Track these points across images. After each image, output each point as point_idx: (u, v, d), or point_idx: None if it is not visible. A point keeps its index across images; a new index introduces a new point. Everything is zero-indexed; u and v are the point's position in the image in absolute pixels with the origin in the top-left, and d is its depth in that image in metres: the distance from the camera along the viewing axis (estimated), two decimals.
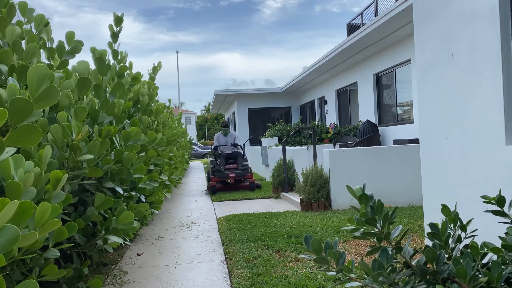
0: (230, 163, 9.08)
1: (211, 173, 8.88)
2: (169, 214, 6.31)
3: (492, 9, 2.48)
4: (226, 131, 9.47)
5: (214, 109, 24.47)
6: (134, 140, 3.10)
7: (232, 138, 9.51)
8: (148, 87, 4.94)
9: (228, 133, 9.48)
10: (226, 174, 8.68)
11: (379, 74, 10.38)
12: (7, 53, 2.24)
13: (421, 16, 3.22)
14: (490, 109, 2.52)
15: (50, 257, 1.96)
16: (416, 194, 5.60)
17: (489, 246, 1.18)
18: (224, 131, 9.49)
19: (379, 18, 7.92)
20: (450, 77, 2.90)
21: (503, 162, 2.44)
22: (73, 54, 2.89)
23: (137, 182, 3.21)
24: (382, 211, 1.23)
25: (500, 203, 1.25)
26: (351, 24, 14.70)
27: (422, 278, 1.16)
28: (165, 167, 5.31)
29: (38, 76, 1.61)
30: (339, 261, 1.20)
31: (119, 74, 3.55)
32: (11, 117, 1.41)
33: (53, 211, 1.52)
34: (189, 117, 51.06)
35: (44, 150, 1.83)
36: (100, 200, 2.47)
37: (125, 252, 4.10)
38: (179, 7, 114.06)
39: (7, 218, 1.10)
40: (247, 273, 3.19)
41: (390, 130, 9.84)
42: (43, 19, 2.79)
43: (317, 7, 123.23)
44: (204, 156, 30.98)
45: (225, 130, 9.48)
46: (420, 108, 3.31)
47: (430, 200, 3.23)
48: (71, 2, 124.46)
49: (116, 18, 3.51)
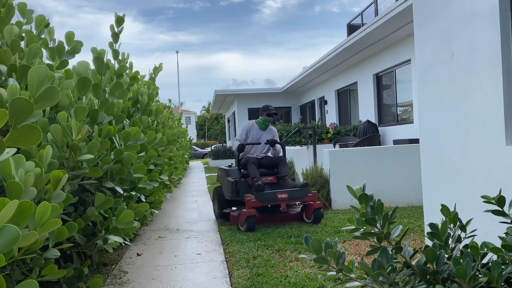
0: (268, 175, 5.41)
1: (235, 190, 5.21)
2: (169, 214, 6.31)
3: (492, 9, 2.48)
4: (267, 123, 5.77)
5: (214, 109, 24.47)
6: (134, 140, 3.10)
7: (271, 135, 5.81)
8: (148, 87, 4.93)
9: (268, 127, 5.84)
10: (274, 195, 4.90)
11: (379, 74, 10.38)
12: (6, 53, 2.24)
13: (421, 16, 3.22)
14: (490, 109, 2.52)
15: (50, 257, 1.96)
16: (416, 194, 5.60)
17: (489, 246, 1.18)
18: (264, 122, 5.74)
19: (379, 18, 7.92)
20: (450, 77, 2.90)
21: (503, 162, 2.44)
22: (73, 55, 2.89)
23: (137, 182, 3.21)
24: (382, 211, 1.23)
25: (500, 203, 1.25)
26: (351, 24, 14.71)
27: (422, 278, 1.16)
28: (165, 167, 5.31)
29: (38, 77, 1.62)
30: (339, 261, 1.20)
31: (118, 74, 3.55)
32: (11, 117, 1.41)
33: (53, 211, 1.52)
34: (189, 117, 51.05)
35: (44, 150, 1.83)
36: (100, 200, 2.47)
37: (125, 252, 4.10)
38: (179, 7, 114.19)
39: (7, 218, 1.10)
40: (247, 273, 3.19)
41: (390, 130, 9.83)
42: (44, 20, 2.79)
43: (317, 7, 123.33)
44: (204, 156, 30.91)
45: (267, 121, 5.75)
46: (420, 108, 3.31)
47: (430, 200, 3.23)
48: (71, 2, 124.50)
49: (117, 18, 3.51)
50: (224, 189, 5.50)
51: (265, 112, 5.73)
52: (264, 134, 5.73)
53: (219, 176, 5.91)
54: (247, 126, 5.79)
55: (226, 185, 5.38)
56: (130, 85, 3.97)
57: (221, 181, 5.76)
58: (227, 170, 5.61)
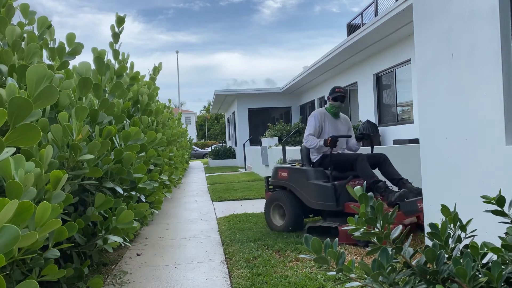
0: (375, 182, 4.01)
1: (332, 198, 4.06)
2: (169, 214, 6.31)
3: (492, 9, 2.48)
4: (337, 109, 4.63)
5: (214, 109, 24.46)
6: (134, 140, 3.10)
7: (347, 125, 4.73)
8: (148, 87, 4.94)
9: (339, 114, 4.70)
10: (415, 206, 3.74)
11: (379, 74, 10.38)
12: (7, 53, 2.24)
13: (421, 16, 3.22)
14: (490, 109, 2.52)
15: (50, 257, 1.96)
16: None
17: (489, 246, 1.18)
18: (331, 109, 4.61)
19: (379, 18, 7.92)
20: (450, 77, 2.90)
21: (503, 162, 2.44)
22: (74, 56, 2.89)
23: (137, 182, 3.21)
24: (382, 211, 1.23)
25: (500, 203, 1.25)
26: (351, 24, 14.71)
27: (422, 278, 1.16)
28: (165, 167, 5.31)
29: (37, 76, 1.62)
30: (339, 261, 1.20)
31: (118, 74, 3.55)
32: (10, 116, 1.41)
33: (53, 211, 1.52)
34: (189, 117, 51.05)
35: (45, 150, 1.84)
36: (100, 200, 2.47)
37: (125, 252, 4.10)
38: (179, 7, 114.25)
39: (7, 218, 1.10)
40: (247, 273, 3.19)
41: (390, 130, 9.84)
42: (46, 21, 2.79)
43: (317, 7, 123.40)
44: (204, 156, 30.85)
45: (335, 107, 4.60)
46: (420, 108, 3.31)
47: (430, 200, 3.23)
48: (71, 2, 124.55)
49: (118, 18, 3.51)
50: (308, 195, 4.29)
51: (331, 96, 4.56)
52: (340, 124, 4.62)
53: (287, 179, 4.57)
54: (319, 115, 4.53)
55: (314, 190, 4.22)
56: (130, 85, 3.98)
57: (294, 185, 4.48)
58: (305, 170, 4.39)
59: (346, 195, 4.01)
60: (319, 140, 4.39)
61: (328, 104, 4.63)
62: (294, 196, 4.51)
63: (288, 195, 4.56)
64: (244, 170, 15.32)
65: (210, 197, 8.14)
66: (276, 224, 4.63)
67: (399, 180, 4.09)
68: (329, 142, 4.19)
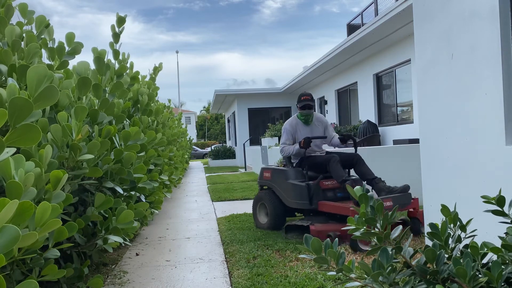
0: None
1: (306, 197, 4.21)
2: (169, 214, 6.31)
3: (492, 9, 2.48)
4: (308, 116, 4.70)
5: (214, 109, 24.46)
6: (134, 140, 3.10)
7: (322, 126, 4.81)
8: (148, 87, 4.94)
9: (313, 119, 4.75)
10: None
11: (379, 74, 10.38)
12: (7, 53, 2.24)
13: (421, 16, 3.22)
14: (490, 109, 2.52)
15: (50, 257, 1.96)
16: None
17: (489, 246, 1.17)
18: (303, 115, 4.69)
19: (379, 18, 7.92)
20: (450, 77, 2.90)
21: (503, 162, 2.44)
22: (73, 55, 2.89)
23: (137, 182, 3.21)
24: (382, 211, 1.23)
25: (500, 203, 1.25)
26: (351, 24, 14.71)
27: (422, 278, 1.16)
28: (165, 167, 5.31)
29: (37, 76, 1.62)
30: (339, 261, 1.20)
31: (118, 74, 3.55)
32: (10, 116, 1.41)
33: (53, 211, 1.52)
34: (189, 117, 51.05)
35: (44, 150, 1.83)
36: (100, 200, 2.47)
37: (125, 252, 4.10)
38: (179, 7, 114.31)
39: (7, 218, 1.10)
40: (247, 273, 3.19)
41: (390, 130, 9.84)
42: (44, 20, 2.79)
43: (317, 7, 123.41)
44: (204, 156, 30.84)
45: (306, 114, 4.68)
46: (420, 108, 3.31)
47: (430, 200, 3.23)
48: (71, 2, 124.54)
49: (119, 18, 3.51)
50: (286, 194, 4.42)
51: (298, 104, 4.67)
52: (313, 128, 4.72)
53: (270, 179, 4.71)
54: (290, 126, 4.66)
55: (290, 189, 4.35)
56: (130, 85, 3.98)
57: (275, 185, 4.62)
58: (285, 171, 4.52)
59: (320, 195, 4.23)
60: (293, 145, 4.57)
61: (299, 112, 4.75)
62: (276, 196, 4.65)
63: (270, 195, 4.70)
64: (244, 170, 15.32)
65: (210, 197, 8.14)
66: (261, 222, 4.83)
67: (372, 179, 4.25)
68: (303, 144, 4.34)
